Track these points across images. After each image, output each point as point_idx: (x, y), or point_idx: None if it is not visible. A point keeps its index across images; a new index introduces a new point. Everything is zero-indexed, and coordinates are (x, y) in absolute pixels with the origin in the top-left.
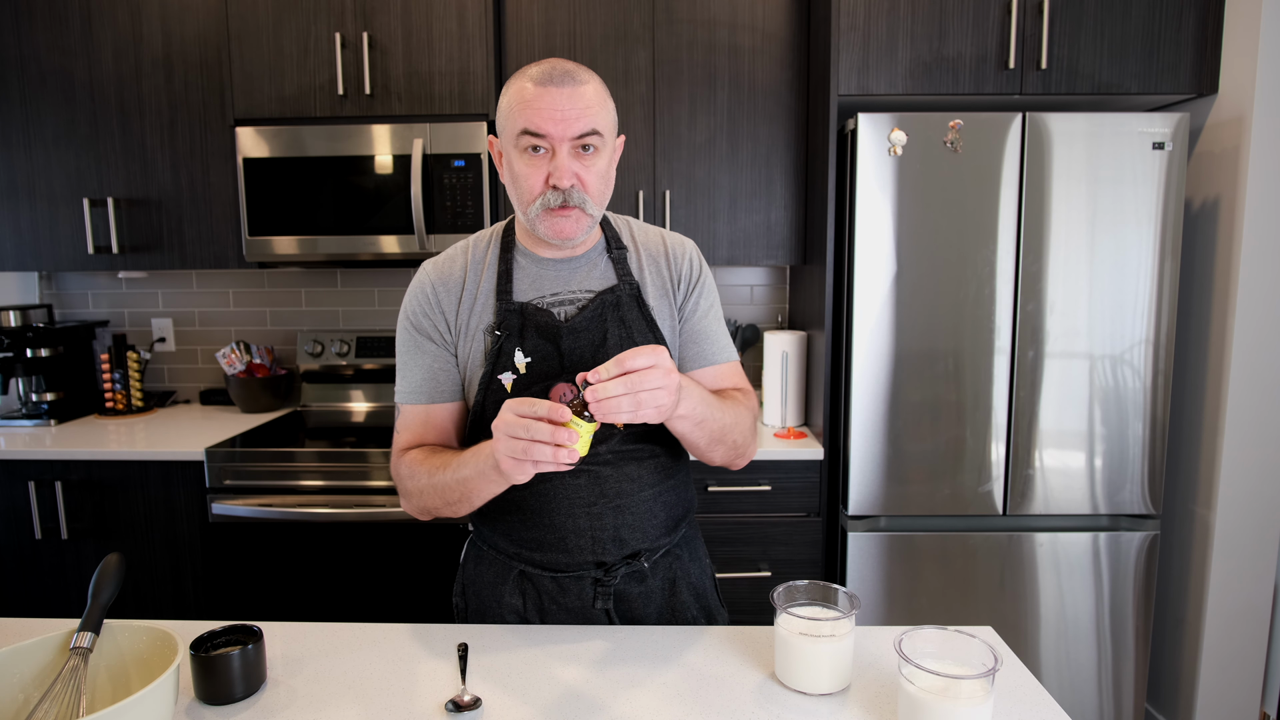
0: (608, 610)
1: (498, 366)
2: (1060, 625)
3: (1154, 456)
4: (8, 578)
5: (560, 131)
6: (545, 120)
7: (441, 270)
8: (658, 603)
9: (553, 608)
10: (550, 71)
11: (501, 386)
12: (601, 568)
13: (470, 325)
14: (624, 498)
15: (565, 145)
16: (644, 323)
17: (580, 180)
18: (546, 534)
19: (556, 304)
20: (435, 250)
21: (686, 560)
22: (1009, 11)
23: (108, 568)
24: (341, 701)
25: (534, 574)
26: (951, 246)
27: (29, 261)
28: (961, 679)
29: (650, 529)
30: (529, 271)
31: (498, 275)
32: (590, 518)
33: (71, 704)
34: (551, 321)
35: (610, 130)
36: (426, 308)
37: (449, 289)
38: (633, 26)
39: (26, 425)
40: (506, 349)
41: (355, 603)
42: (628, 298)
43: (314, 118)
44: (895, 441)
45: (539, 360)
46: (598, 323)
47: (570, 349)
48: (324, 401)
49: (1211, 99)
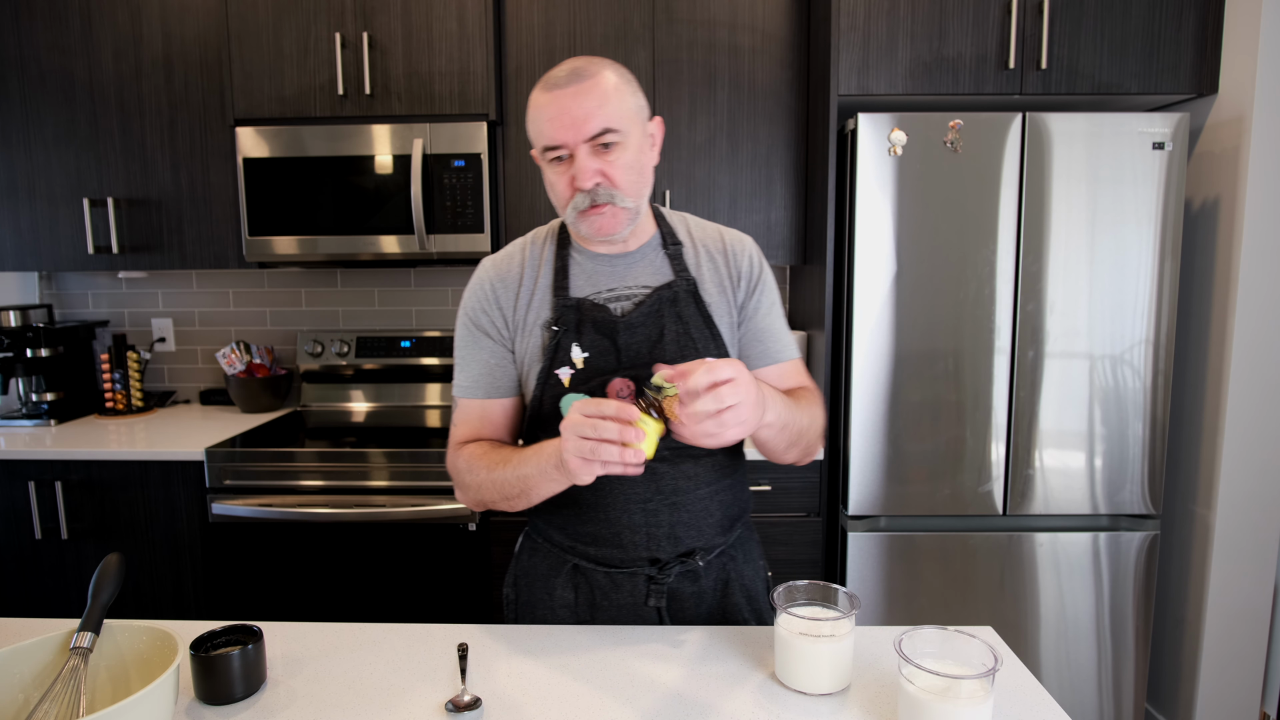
0: (660, 609)
1: (555, 361)
2: (1060, 625)
3: (1154, 456)
4: (8, 578)
5: (573, 136)
6: (557, 128)
7: (500, 267)
8: (709, 603)
9: (604, 603)
10: (558, 75)
11: (559, 381)
12: (655, 565)
13: (528, 321)
14: (680, 495)
15: (582, 147)
16: (700, 319)
17: (606, 176)
18: (602, 529)
19: (613, 299)
20: (435, 250)
21: (741, 562)
22: (1009, 11)
23: (108, 568)
24: (341, 701)
25: (587, 569)
26: (951, 246)
27: (29, 261)
28: (961, 679)
29: (706, 527)
30: (585, 267)
31: (554, 271)
32: (646, 514)
33: (71, 704)
34: (608, 317)
35: (630, 120)
36: (485, 304)
37: (507, 286)
38: (633, 26)
39: (26, 425)
40: (564, 344)
41: (355, 603)
42: (684, 294)
43: (314, 118)
44: (895, 441)
45: (596, 355)
46: (654, 318)
47: (627, 344)
48: (324, 401)
49: (1211, 99)
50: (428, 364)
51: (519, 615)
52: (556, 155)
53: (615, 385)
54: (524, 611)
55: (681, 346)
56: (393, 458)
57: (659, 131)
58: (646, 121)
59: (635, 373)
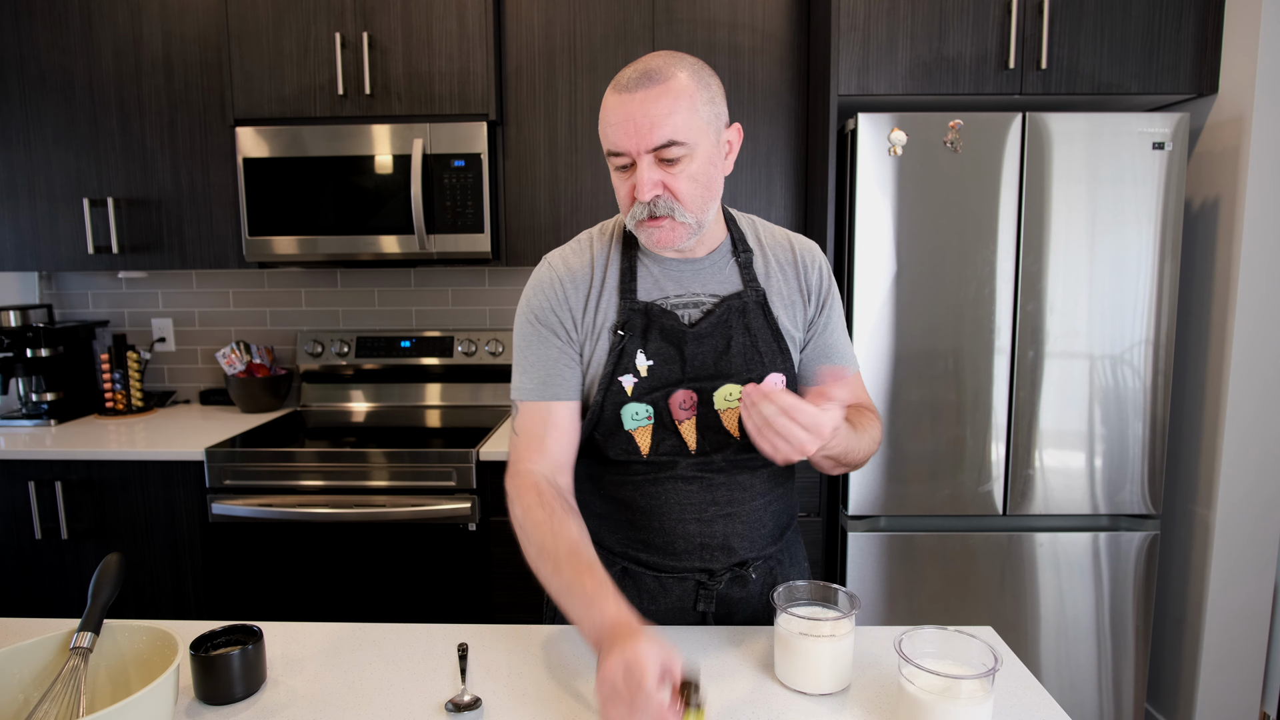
0: (707, 613)
1: (619, 368)
2: (1060, 625)
3: (1154, 456)
4: (8, 578)
5: (635, 145)
6: (620, 135)
7: (570, 264)
8: (755, 606)
9: (651, 606)
10: (629, 76)
11: (621, 388)
12: (707, 573)
13: (596, 323)
14: (735, 506)
15: (645, 157)
16: (769, 331)
17: (668, 189)
18: (655, 536)
19: (680, 306)
20: (435, 250)
21: (787, 565)
22: (1009, 11)
23: (108, 568)
24: (341, 701)
25: (637, 572)
26: (951, 246)
27: (29, 261)
28: (961, 679)
29: (759, 538)
30: (652, 271)
31: (621, 272)
32: (701, 524)
33: (71, 704)
34: (676, 325)
35: (701, 131)
36: (554, 302)
37: (577, 284)
38: (633, 26)
39: (26, 425)
40: (629, 350)
41: (355, 603)
42: (754, 305)
43: (314, 118)
44: (895, 441)
45: (660, 363)
46: (722, 329)
47: (693, 354)
48: (324, 401)
49: (1211, 99)
50: (428, 364)
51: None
52: (621, 163)
53: (678, 398)
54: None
55: (748, 359)
56: (393, 458)
57: (737, 139)
58: (722, 130)
59: (699, 385)
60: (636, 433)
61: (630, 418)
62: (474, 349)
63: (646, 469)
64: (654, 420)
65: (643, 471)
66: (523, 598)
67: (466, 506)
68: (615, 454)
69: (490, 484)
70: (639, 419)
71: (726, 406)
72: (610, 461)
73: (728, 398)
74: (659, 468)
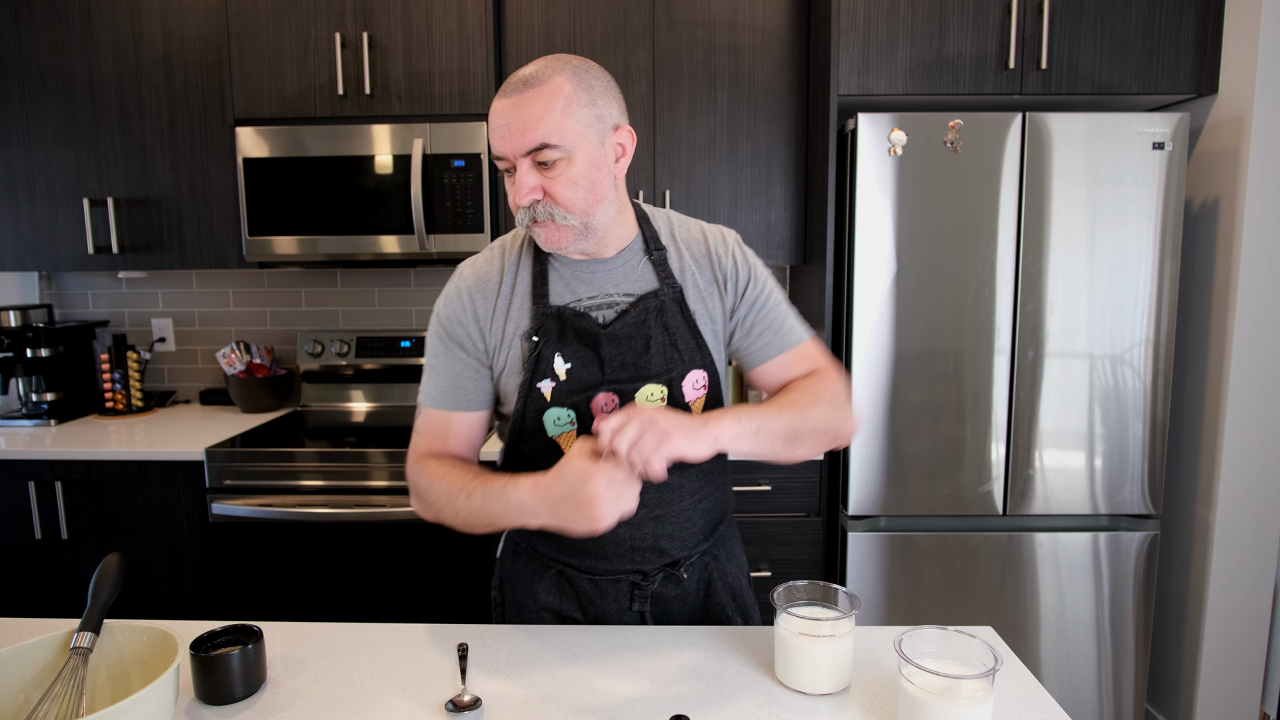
0: (643, 612)
1: (536, 374)
2: (1060, 625)
3: (1154, 456)
4: (8, 578)
5: (511, 149)
6: (498, 139)
7: (479, 274)
8: (693, 604)
9: (589, 608)
10: (511, 80)
11: (540, 394)
12: (640, 574)
13: (507, 332)
14: (664, 507)
15: (522, 161)
16: (686, 328)
17: (547, 193)
18: (586, 542)
19: (594, 307)
20: (435, 250)
21: (723, 560)
22: (1009, 11)
23: (108, 568)
24: (341, 701)
25: (572, 575)
26: (951, 246)
27: (29, 261)
28: (961, 679)
29: (689, 537)
30: (563, 274)
31: (533, 277)
32: (630, 528)
33: (71, 704)
34: (591, 327)
35: (579, 134)
36: (461, 315)
37: (486, 294)
38: (633, 26)
39: (26, 425)
40: (545, 355)
41: (355, 603)
42: (670, 302)
43: (314, 118)
44: (895, 441)
45: (579, 366)
46: (639, 328)
47: (611, 355)
48: (324, 401)
49: (1211, 99)
50: None
51: (505, 617)
52: (504, 167)
53: (599, 401)
54: (510, 614)
55: (667, 357)
56: (393, 458)
57: (629, 141)
58: (608, 133)
59: (619, 386)
60: (560, 439)
61: (553, 423)
62: None
63: None
64: (576, 425)
65: None
66: None
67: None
68: (542, 462)
69: None
70: (561, 424)
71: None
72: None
73: (649, 398)
74: None
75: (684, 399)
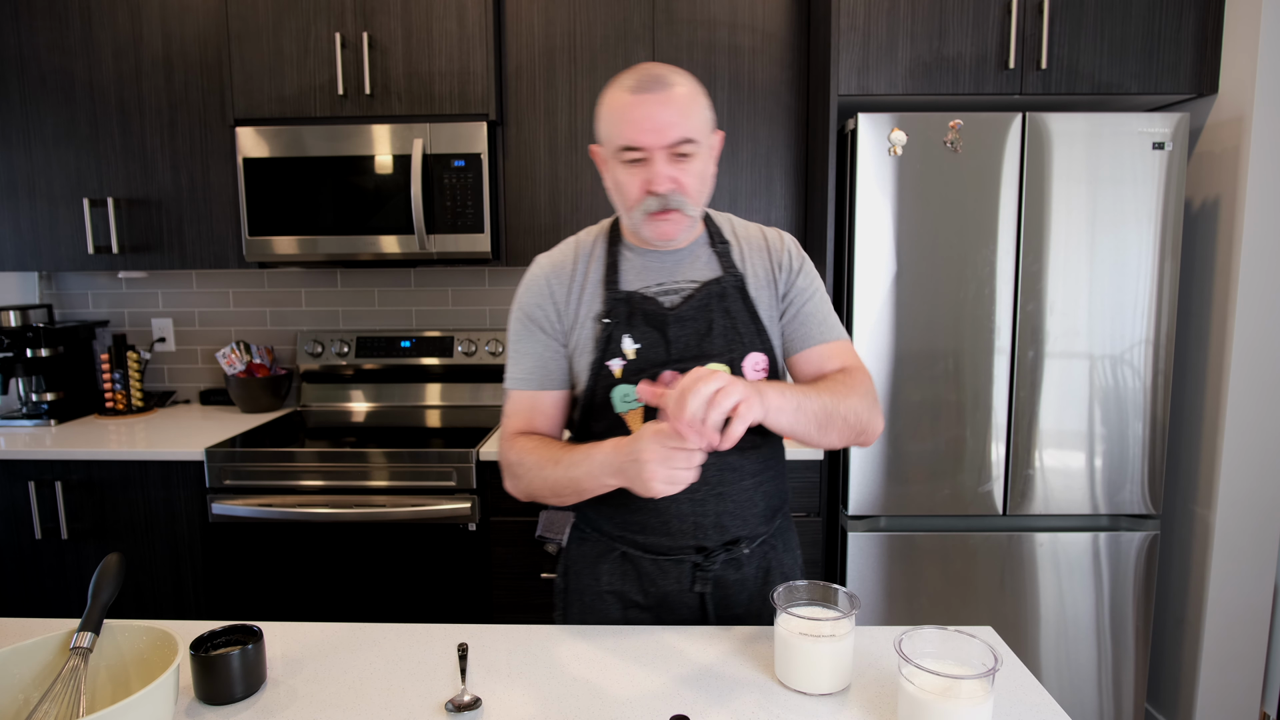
0: (704, 594)
1: (606, 353)
2: (1060, 625)
3: (1154, 456)
4: (8, 578)
5: (655, 141)
6: (640, 132)
7: (555, 263)
8: (750, 590)
9: (651, 589)
10: (642, 79)
11: (610, 373)
12: (702, 553)
13: (580, 314)
14: (726, 485)
15: (661, 153)
16: (747, 313)
17: (678, 184)
18: (650, 518)
19: (662, 293)
20: (435, 250)
21: (780, 551)
22: (1009, 11)
23: (108, 568)
24: (341, 701)
25: (635, 555)
26: (951, 246)
27: (29, 261)
28: (961, 679)
29: (750, 517)
30: (634, 263)
31: (605, 267)
32: (693, 504)
33: (71, 704)
34: (658, 309)
35: (705, 132)
36: (540, 299)
37: (561, 280)
38: (633, 26)
39: (26, 425)
40: (615, 336)
41: (355, 603)
42: (732, 288)
43: (314, 118)
44: (895, 441)
45: (647, 347)
46: (703, 312)
47: (676, 336)
48: (324, 401)
49: (1211, 99)
50: (428, 364)
51: (568, 603)
52: (635, 157)
53: (665, 377)
54: (573, 599)
55: (729, 340)
56: (393, 458)
57: (719, 144)
58: (712, 133)
59: (684, 365)
60: (627, 416)
61: (620, 400)
62: (474, 349)
63: None
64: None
65: None
66: (523, 598)
67: (466, 506)
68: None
69: (490, 484)
70: (629, 401)
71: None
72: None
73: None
74: None
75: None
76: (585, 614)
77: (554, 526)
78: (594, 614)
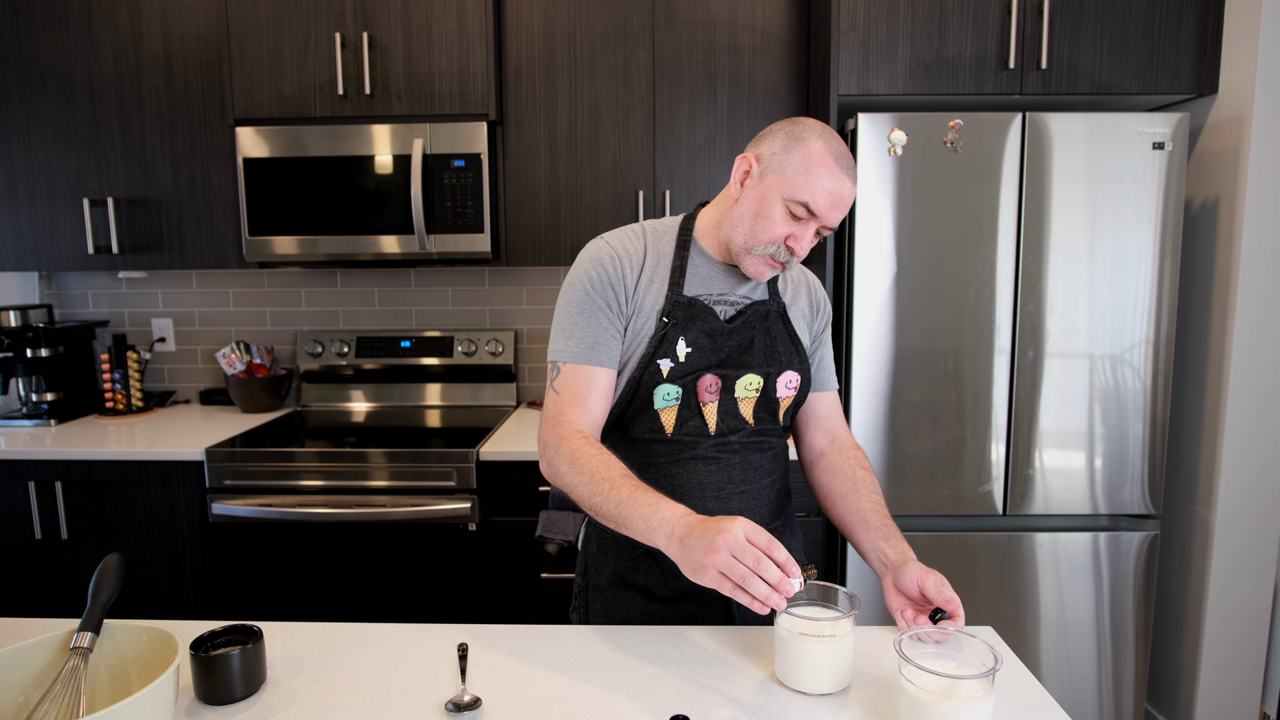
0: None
1: (660, 350)
2: (1060, 625)
3: (1154, 456)
4: (8, 578)
5: (831, 219)
6: (828, 206)
7: (626, 244)
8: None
9: (674, 582)
10: (844, 158)
11: (659, 369)
12: None
13: (645, 304)
14: (747, 484)
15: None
16: (786, 335)
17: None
18: None
19: (717, 303)
20: (435, 250)
21: (789, 536)
22: (1009, 11)
23: (108, 568)
24: (341, 701)
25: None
26: (951, 246)
27: (29, 261)
28: (961, 679)
29: (767, 513)
30: (701, 270)
31: (672, 267)
32: (719, 502)
33: (71, 704)
34: (713, 319)
35: None
36: (609, 276)
37: (631, 264)
38: (633, 26)
39: (26, 425)
40: (671, 336)
41: (355, 603)
42: (775, 313)
43: (314, 118)
44: (895, 441)
45: (696, 351)
46: (748, 327)
47: (723, 346)
48: (324, 401)
49: (1211, 99)
50: (428, 364)
51: (589, 600)
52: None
53: (705, 381)
54: (594, 595)
55: (767, 356)
56: (393, 458)
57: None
58: None
59: (725, 372)
60: (664, 412)
61: (661, 398)
62: (474, 349)
63: (669, 449)
64: (681, 401)
65: (665, 452)
66: (523, 598)
67: (466, 506)
68: (640, 432)
69: (490, 484)
70: (669, 399)
71: (745, 395)
72: (634, 441)
73: (747, 387)
74: (681, 448)
75: (776, 393)
76: (608, 609)
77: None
78: (617, 609)
